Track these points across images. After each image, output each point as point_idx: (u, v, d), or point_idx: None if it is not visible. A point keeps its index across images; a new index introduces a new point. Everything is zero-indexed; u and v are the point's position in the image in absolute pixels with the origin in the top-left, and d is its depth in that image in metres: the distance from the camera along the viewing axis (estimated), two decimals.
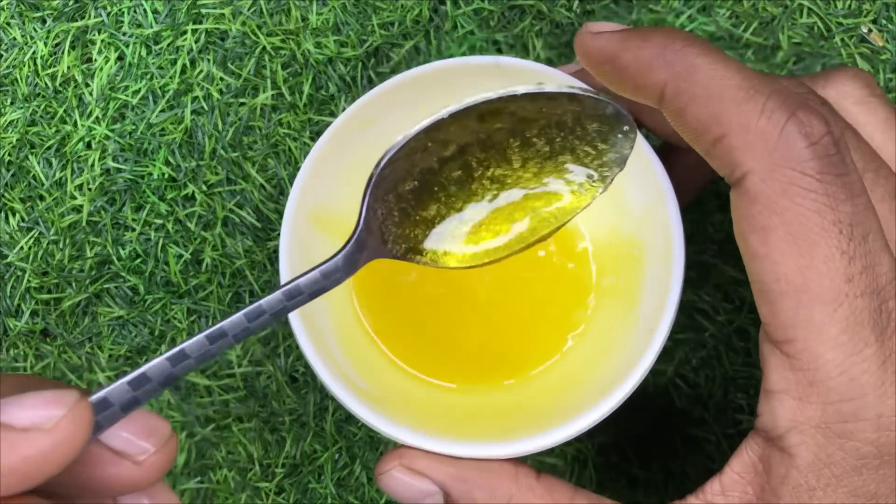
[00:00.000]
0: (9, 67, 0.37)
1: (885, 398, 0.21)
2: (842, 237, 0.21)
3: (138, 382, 0.19)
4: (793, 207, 0.21)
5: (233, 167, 0.37)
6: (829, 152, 0.21)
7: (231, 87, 0.37)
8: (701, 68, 0.22)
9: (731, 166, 0.22)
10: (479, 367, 0.32)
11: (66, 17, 0.37)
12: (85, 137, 0.37)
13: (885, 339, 0.21)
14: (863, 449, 0.21)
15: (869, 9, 0.38)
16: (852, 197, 0.21)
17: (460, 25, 0.37)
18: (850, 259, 0.20)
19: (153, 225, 0.37)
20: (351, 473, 0.36)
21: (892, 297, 0.21)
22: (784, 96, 0.22)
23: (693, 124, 0.23)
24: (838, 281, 0.20)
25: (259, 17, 0.37)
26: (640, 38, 0.24)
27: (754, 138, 0.21)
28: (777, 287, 0.21)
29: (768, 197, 0.21)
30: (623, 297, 0.31)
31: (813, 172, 0.21)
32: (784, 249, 0.21)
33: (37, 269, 0.36)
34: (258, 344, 0.36)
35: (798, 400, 0.21)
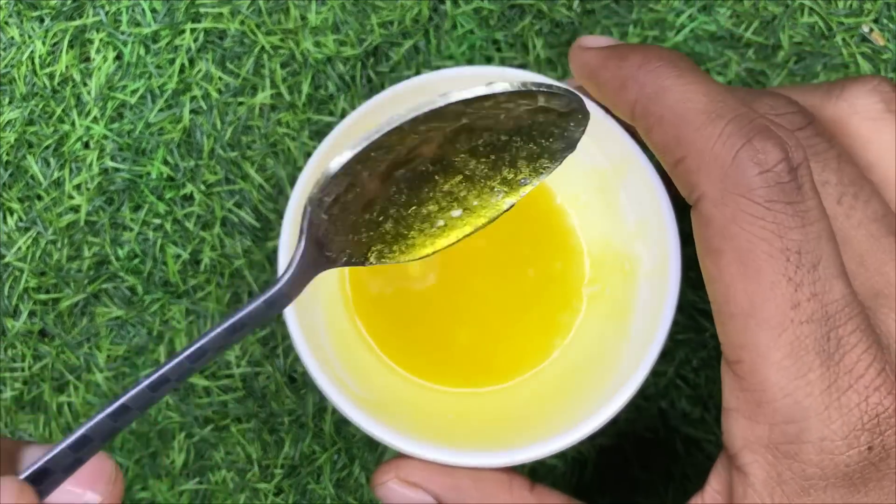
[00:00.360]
0: (6, 66, 0.37)
1: (828, 422, 0.21)
2: (789, 264, 0.21)
3: (79, 444, 0.19)
4: (741, 233, 0.21)
5: (231, 167, 0.37)
6: (782, 180, 0.21)
7: (230, 86, 0.37)
8: (670, 90, 0.23)
9: (689, 188, 0.23)
10: (473, 369, 0.32)
11: (64, 16, 0.37)
12: (83, 137, 0.37)
13: (831, 365, 0.21)
14: (808, 470, 0.21)
15: (870, 8, 0.38)
16: (804, 224, 0.21)
17: (460, 24, 0.37)
18: (797, 286, 0.21)
19: (151, 225, 0.36)
20: (350, 474, 0.36)
21: (842, 324, 0.21)
22: (744, 122, 0.22)
23: (658, 144, 0.24)
24: (784, 307, 0.21)
25: (258, 17, 0.37)
26: (619, 57, 0.25)
27: (709, 163, 0.22)
28: (727, 309, 0.22)
29: (720, 222, 0.22)
30: (613, 309, 0.30)
31: (761, 200, 0.21)
32: (734, 273, 0.22)
33: (35, 269, 0.36)
34: (257, 344, 0.36)
35: (748, 419, 0.22)
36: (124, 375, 0.36)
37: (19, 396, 0.36)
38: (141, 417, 0.20)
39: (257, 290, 0.36)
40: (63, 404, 0.36)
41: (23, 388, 0.36)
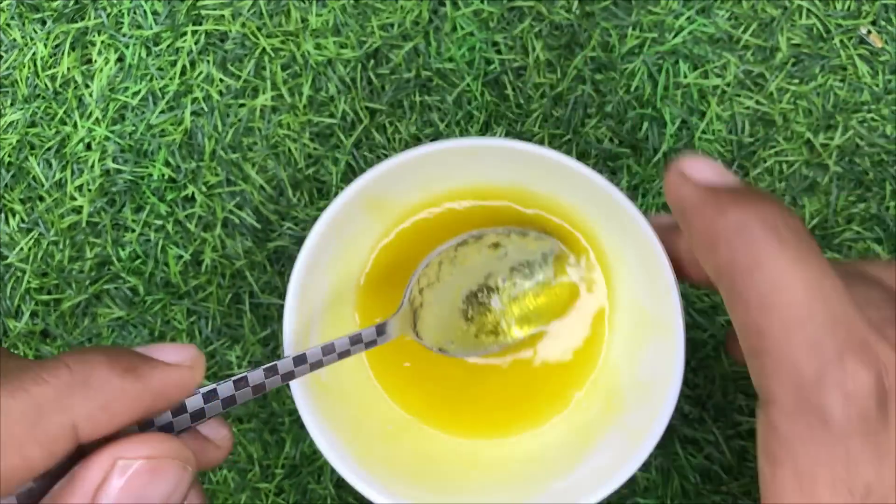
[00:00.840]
0: (9, 68, 0.37)
1: None
2: (851, 497, 0.19)
3: (208, 396, 0.24)
4: (807, 455, 0.20)
5: (232, 168, 0.37)
6: (868, 413, 0.19)
7: (231, 88, 0.37)
8: (764, 269, 0.21)
9: (761, 386, 0.21)
10: (491, 423, 0.33)
11: (65, 19, 0.37)
12: (85, 138, 0.37)
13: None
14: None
15: (868, 10, 0.38)
16: (880, 457, 0.19)
17: (460, 27, 0.38)
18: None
19: (153, 226, 0.37)
20: None
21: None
22: (839, 331, 0.20)
23: (738, 324, 0.22)
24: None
25: (259, 19, 0.37)
26: (716, 207, 0.22)
27: (790, 370, 0.20)
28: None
29: (786, 435, 0.20)
30: (608, 411, 0.31)
31: (839, 431, 0.19)
32: (788, 489, 0.20)
33: (37, 270, 0.37)
34: (258, 345, 0.36)
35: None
36: None
37: None
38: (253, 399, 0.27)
39: (258, 290, 0.36)
40: None
41: None
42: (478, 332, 0.32)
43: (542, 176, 0.30)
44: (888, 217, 0.38)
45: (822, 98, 0.38)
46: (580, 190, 0.29)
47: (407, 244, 0.33)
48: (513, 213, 0.33)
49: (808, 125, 0.38)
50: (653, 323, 0.30)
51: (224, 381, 0.25)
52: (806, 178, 0.38)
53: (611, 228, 0.30)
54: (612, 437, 0.30)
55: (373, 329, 0.28)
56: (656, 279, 0.28)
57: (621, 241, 0.30)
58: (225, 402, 0.24)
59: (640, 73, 0.38)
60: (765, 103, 0.38)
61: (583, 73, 0.37)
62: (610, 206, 0.28)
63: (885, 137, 0.38)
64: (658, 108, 0.37)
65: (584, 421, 0.32)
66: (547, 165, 0.29)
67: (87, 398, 0.21)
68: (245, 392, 0.25)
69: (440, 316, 0.31)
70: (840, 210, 0.38)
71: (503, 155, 0.29)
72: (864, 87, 0.38)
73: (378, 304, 0.33)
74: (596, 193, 0.28)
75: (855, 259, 0.31)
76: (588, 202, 0.30)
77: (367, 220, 0.31)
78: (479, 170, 0.31)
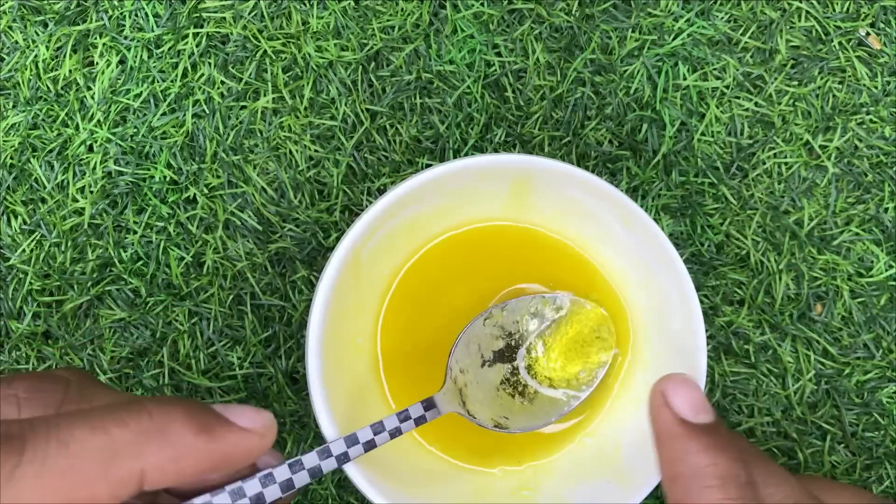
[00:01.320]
0: (10, 71, 0.37)
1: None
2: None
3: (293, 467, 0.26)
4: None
5: (234, 170, 0.37)
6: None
7: (232, 90, 0.37)
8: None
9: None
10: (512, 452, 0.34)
11: (67, 21, 0.38)
12: (87, 141, 0.37)
13: None
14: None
15: (867, 12, 0.38)
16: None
17: (460, 29, 0.38)
18: None
19: (155, 228, 0.37)
20: None
21: None
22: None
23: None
24: None
25: (260, 21, 0.37)
26: (683, 449, 0.26)
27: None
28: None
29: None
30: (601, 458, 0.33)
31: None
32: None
33: (38, 272, 0.37)
34: (259, 346, 0.36)
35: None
36: (128, 377, 0.36)
37: None
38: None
39: (259, 291, 0.36)
40: None
41: None
42: (527, 401, 0.32)
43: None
44: (887, 218, 0.38)
45: (820, 100, 0.38)
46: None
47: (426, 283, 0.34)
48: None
49: (807, 127, 0.38)
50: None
51: (280, 465, 0.25)
52: (805, 179, 0.38)
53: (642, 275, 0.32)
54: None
55: (419, 405, 0.29)
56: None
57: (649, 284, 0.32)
58: (282, 485, 0.25)
59: (639, 76, 0.38)
60: (764, 105, 0.38)
61: (582, 75, 0.38)
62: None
63: (883, 139, 0.38)
64: (657, 110, 0.38)
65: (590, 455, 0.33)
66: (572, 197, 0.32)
67: (160, 449, 0.22)
68: (301, 475, 0.26)
69: (487, 392, 0.32)
70: (839, 211, 0.38)
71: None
72: (862, 89, 0.38)
73: (404, 370, 0.34)
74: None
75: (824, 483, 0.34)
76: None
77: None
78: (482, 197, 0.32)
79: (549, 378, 0.33)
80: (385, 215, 0.30)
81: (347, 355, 0.31)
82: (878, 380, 0.37)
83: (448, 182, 0.31)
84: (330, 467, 0.27)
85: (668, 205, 0.37)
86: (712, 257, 0.37)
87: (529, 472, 0.33)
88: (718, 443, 0.26)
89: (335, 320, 0.30)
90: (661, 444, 0.27)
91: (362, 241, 0.30)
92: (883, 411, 0.37)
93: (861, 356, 0.37)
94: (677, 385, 0.28)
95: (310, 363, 0.29)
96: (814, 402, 0.37)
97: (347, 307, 0.31)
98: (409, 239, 0.33)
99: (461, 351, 0.31)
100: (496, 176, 0.31)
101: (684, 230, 0.37)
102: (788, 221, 0.37)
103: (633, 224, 0.31)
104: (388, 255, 0.33)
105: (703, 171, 0.37)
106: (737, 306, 0.37)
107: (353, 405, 0.31)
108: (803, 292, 0.37)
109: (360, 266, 0.31)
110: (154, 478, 0.22)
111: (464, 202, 0.32)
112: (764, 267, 0.37)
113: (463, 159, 0.30)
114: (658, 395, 0.28)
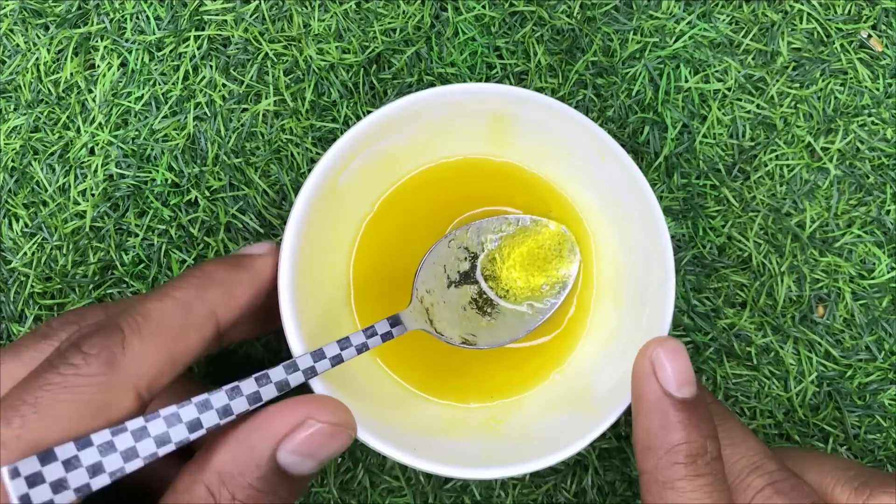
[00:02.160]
0: (12, 74, 0.37)
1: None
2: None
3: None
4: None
5: (235, 173, 0.37)
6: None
7: (233, 93, 0.37)
8: (676, 496, 0.27)
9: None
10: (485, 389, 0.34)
11: (68, 24, 0.38)
12: (88, 143, 0.37)
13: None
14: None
15: (868, 14, 0.38)
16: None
17: (462, 31, 0.38)
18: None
19: (156, 230, 0.37)
20: (353, 477, 0.36)
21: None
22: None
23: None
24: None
25: (261, 24, 0.37)
26: (662, 422, 0.28)
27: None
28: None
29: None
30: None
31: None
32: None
33: (40, 275, 0.37)
34: (261, 348, 0.36)
35: None
36: None
37: None
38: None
39: None
40: None
41: None
42: (493, 318, 0.33)
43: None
44: (888, 221, 0.38)
45: (822, 102, 0.38)
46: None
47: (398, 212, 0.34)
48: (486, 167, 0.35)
49: (809, 129, 0.38)
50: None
51: (246, 379, 0.26)
52: (806, 181, 0.38)
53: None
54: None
55: (385, 322, 0.30)
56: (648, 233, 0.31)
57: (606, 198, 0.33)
58: (249, 398, 0.26)
59: (641, 78, 0.38)
60: (765, 107, 0.38)
61: (584, 77, 0.38)
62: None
63: (885, 141, 0.38)
64: (659, 112, 0.38)
65: (560, 392, 0.34)
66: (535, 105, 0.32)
67: (217, 291, 0.28)
68: (269, 388, 0.26)
69: (454, 312, 0.32)
70: (840, 214, 0.38)
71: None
72: (864, 91, 0.38)
73: (374, 294, 0.34)
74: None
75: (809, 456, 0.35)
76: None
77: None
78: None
79: (512, 291, 0.33)
80: (359, 144, 0.31)
81: (322, 286, 0.32)
82: (881, 382, 0.37)
83: (424, 113, 0.31)
84: (297, 381, 0.27)
85: (670, 207, 0.37)
86: (714, 259, 0.37)
87: (500, 407, 0.34)
88: (695, 420, 0.28)
89: (311, 249, 0.30)
90: (640, 412, 0.28)
91: (337, 169, 0.31)
92: (885, 413, 0.37)
93: (863, 358, 0.37)
94: (667, 354, 0.28)
95: (282, 293, 0.29)
96: (816, 404, 0.37)
97: (324, 239, 0.31)
98: (386, 173, 0.33)
99: (426, 272, 0.32)
100: (474, 110, 0.32)
101: (686, 232, 0.37)
102: (790, 223, 0.37)
103: (609, 160, 0.31)
104: (366, 188, 0.33)
105: (704, 173, 0.37)
106: (739, 308, 0.37)
107: (323, 332, 0.31)
108: (805, 294, 0.37)
109: (337, 198, 0.31)
110: (223, 314, 0.27)
111: (441, 138, 0.33)
112: (766, 269, 0.37)
113: (438, 87, 0.31)
114: (647, 362, 0.28)
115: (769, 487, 0.29)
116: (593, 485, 0.36)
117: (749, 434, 0.31)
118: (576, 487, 0.36)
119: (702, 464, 0.27)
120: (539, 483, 0.37)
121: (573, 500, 0.36)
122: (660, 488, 0.27)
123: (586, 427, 0.30)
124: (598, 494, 0.36)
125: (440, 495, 0.36)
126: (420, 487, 0.36)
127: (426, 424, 0.32)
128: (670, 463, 0.27)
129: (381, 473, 0.36)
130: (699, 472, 0.27)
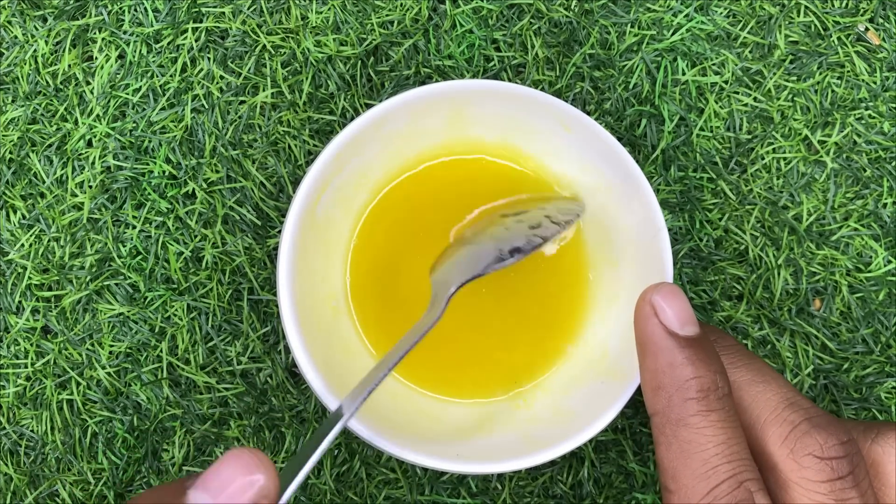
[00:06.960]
0: (10, 65, 0.37)
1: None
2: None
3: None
4: None
5: (233, 165, 0.37)
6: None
7: (231, 85, 0.37)
8: (689, 429, 0.27)
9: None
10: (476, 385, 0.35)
11: (66, 16, 0.38)
12: (86, 135, 0.37)
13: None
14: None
15: (866, 7, 0.38)
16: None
17: (459, 24, 0.38)
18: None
19: (153, 222, 0.37)
20: (350, 469, 0.36)
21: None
22: (726, 472, 0.26)
23: (657, 457, 0.28)
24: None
25: (259, 16, 0.38)
26: (670, 360, 0.27)
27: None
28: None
29: None
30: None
31: None
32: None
33: (38, 267, 0.37)
34: (258, 340, 0.37)
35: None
36: (126, 371, 0.36)
37: (22, 392, 0.36)
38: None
39: (258, 286, 0.36)
40: (65, 400, 0.36)
41: (25, 385, 0.36)
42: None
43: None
44: (885, 214, 0.38)
45: (819, 95, 0.38)
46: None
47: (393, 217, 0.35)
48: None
49: (806, 122, 0.38)
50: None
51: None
52: (803, 174, 0.38)
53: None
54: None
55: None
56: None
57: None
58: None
59: (638, 71, 0.38)
60: (763, 100, 0.38)
61: (581, 70, 0.38)
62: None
63: (882, 134, 0.38)
64: (656, 105, 0.38)
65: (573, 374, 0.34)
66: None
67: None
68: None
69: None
70: (837, 207, 0.38)
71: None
72: (861, 85, 0.38)
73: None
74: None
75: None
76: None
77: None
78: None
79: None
80: (330, 169, 0.31)
81: (325, 319, 0.32)
82: (877, 375, 0.37)
83: (386, 124, 0.32)
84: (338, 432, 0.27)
85: (667, 200, 0.37)
86: (711, 252, 0.37)
87: (526, 392, 0.34)
88: (702, 356, 0.27)
89: (305, 284, 0.31)
90: (647, 354, 0.28)
91: (314, 198, 0.31)
92: (881, 406, 0.37)
93: (860, 351, 0.37)
94: (667, 296, 0.28)
95: (296, 352, 0.29)
96: (812, 396, 0.37)
97: (315, 270, 0.32)
98: (359, 192, 0.34)
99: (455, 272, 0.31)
100: (433, 109, 0.32)
101: (683, 225, 0.37)
102: (787, 217, 0.37)
103: (575, 129, 0.32)
104: (344, 213, 0.34)
105: (701, 166, 0.37)
106: (735, 301, 0.37)
107: (340, 367, 0.31)
108: (802, 287, 0.37)
109: (318, 228, 0.32)
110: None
111: (405, 143, 0.33)
112: (762, 262, 0.37)
113: (394, 97, 0.31)
114: (647, 306, 0.28)
115: (806, 422, 0.28)
116: (589, 477, 0.36)
117: (777, 373, 0.30)
118: (572, 480, 0.37)
119: (714, 398, 0.27)
120: (536, 475, 0.37)
121: (569, 492, 0.36)
122: (673, 427, 0.27)
123: (616, 390, 0.30)
124: (594, 486, 0.36)
125: (436, 487, 0.36)
126: (416, 479, 0.36)
127: (456, 429, 0.33)
128: (682, 399, 0.27)
129: (377, 465, 0.36)
130: (711, 406, 0.27)
